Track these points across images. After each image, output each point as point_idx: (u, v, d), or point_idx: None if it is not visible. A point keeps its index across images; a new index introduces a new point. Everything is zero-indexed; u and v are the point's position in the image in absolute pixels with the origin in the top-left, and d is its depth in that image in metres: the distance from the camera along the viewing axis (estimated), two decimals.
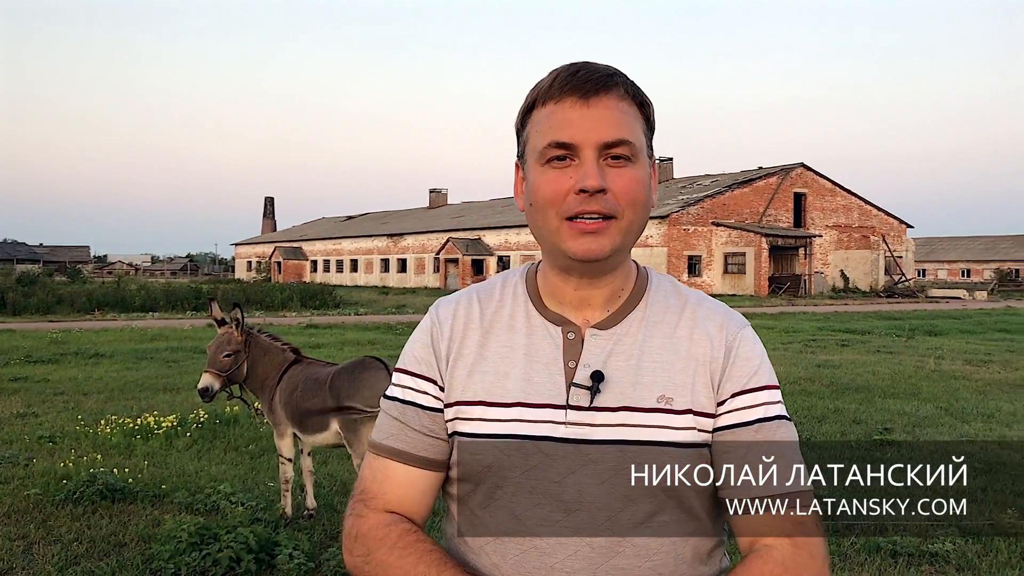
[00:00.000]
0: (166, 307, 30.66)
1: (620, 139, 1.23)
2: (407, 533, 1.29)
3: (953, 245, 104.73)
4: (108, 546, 4.80)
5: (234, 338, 5.18)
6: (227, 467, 6.63)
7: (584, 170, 1.22)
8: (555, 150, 1.24)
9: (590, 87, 1.24)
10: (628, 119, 1.26)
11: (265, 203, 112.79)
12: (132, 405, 9.48)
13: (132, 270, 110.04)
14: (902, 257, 57.61)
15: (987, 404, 10.04)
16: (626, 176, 1.24)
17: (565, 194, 1.23)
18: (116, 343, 16.98)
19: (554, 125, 1.24)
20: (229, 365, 5.13)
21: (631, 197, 1.25)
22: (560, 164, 1.24)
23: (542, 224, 1.27)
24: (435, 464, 1.35)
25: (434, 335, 1.38)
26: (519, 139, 1.33)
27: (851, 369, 13.18)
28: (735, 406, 1.29)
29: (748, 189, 51.58)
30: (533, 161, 1.27)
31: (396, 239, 68.35)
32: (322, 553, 4.63)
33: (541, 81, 1.29)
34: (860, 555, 4.72)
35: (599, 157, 1.23)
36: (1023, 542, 4.92)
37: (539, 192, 1.26)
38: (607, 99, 1.24)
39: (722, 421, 1.29)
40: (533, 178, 1.27)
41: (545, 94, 1.27)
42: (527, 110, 1.30)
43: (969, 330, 22.33)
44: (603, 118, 1.23)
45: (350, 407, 4.83)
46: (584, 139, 1.22)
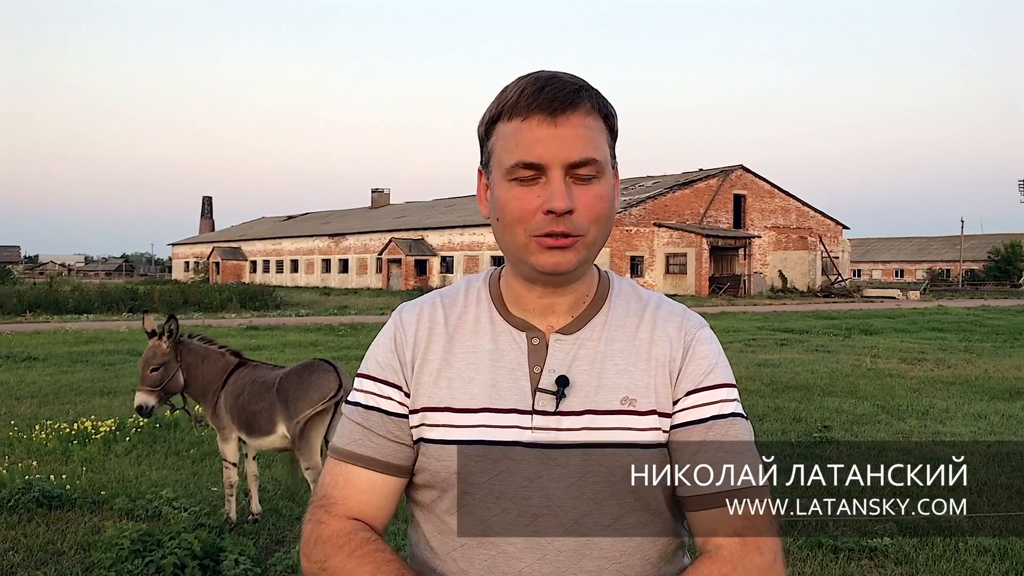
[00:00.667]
0: (101, 309, 29.98)
1: (587, 159, 1.24)
2: (367, 542, 1.28)
3: (887, 246, 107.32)
4: (46, 555, 4.68)
5: (160, 350, 5.04)
6: (168, 472, 6.51)
7: (551, 190, 1.22)
8: (523, 170, 1.24)
9: (557, 105, 1.23)
10: (594, 135, 1.26)
11: (203, 202, 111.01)
12: (68, 410, 9.25)
13: (65, 271, 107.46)
14: (838, 258, 58.87)
15: (922, 401, 10.31)
16: (591, 194, 1.25)
17: (533, 212, 1.24)
18: (49, 346, 16.56)
19: (521, 143, 1.24)
20: (159, 379, 5.02)
21: (595, 214, 1.25)
22: (527, 182, 1.24)
23: (509, 239, 1.28)
24: (399, 470, 1.34)
25: (398, 340, 1.37)
26: (483, 148, 1.33)
27: (790, 368, 13.43)
28: (689, 404, 1.30)
29: (689, 191, 52.24)
30: (499, 176, 1.27)
31: (338, 239, 67.77)
32: (268, 558, 4.58)
33: (506, 92, 1.28)
34: (802, 551, 4.81)
35: (566, 176, 1.23)
36: (957, 535, 5.06)
37: (506, 209, 1.26)
38: (574, 116, 1.24)
39: (676, 419, 1.30)
40: (500, 193, 1.27)
41: (511, 109, 1.26)
42: (492, 120, 1.29)
43: (903, 329, 22.91)
44: (570, 137, 1.23)
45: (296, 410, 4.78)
46: (552, 159, 1.23)
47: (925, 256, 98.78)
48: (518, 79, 1.28)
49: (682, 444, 1.28)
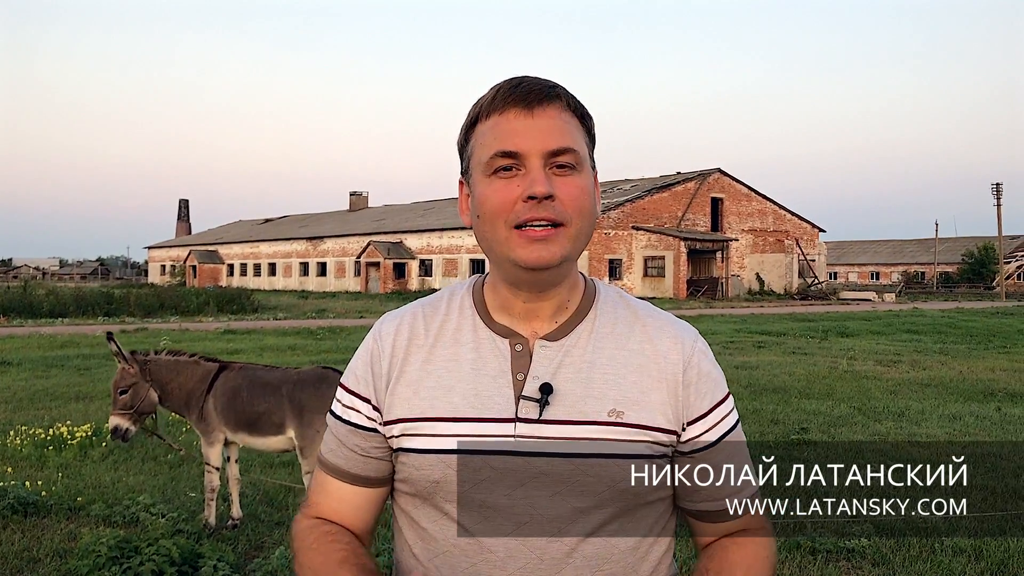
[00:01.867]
0: (76, 313, 29.72)
1: (565, 147, 1.25)
2: (324, 535, 1.33)
3: (863, 249, 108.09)
4: (21, 562, 4.63)
5: (127, 373, 5.02)
6: (146, 478, 6.46)
7: (531, 177, 1.23)
8: (501, 160, 1.24)
9: (533, 98, 1.25)
10: (570, 128, 1.27)
11: (179, 205, 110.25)
12: (43, 415, 9.17)
13: (39, 274, 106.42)
14: (815, 260, 59.29)
15: (897, 403, 10.41)
16: (572, 184, 1.25)
17: (513, 202, 1.24)
18: (24, 350, 16.39)
19: (499, 136, 1.25)
20: (129, 401, 5.00)
21: (578, 205, 1.26)
22: (506, 174, 1.25)
23: (491, 235, 1.27)
24: (368, 480, 1.36)
25: (374, 353, 1.37)
26: (462, 156, 1.33)
27: (768, 370, 13.51)
28: (705, 427, 1.32)
29: (667, 194, 52.45)
30: (479, 174, 1.28)
31: (316, 242, 67.49)
32: (247, 564, 4.55)
33: (482, 97, 1.30)
34: (781, 553, 4.84)
35: (545, 165, 1.24)
36: (932, 536, 5.11)
37: (487, 203, 1.26)
38: (550, 109, 1.26)
39: (694, 444, 1.32)
40: (480, 190, 1.27)
41: (488, 107, 1.27)
42: (470, 126, 1.30)
43: (879, 331, 23.10)
44: (547, 127, 1.24)
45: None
46: (530, 148, 1.23)
47: (900, 259, 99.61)
48: (494, 85, 1.30)
49: (700, 464, 1.31)
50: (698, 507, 1.35)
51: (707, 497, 1.33)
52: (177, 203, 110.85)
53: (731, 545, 1.33)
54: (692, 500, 1.34)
